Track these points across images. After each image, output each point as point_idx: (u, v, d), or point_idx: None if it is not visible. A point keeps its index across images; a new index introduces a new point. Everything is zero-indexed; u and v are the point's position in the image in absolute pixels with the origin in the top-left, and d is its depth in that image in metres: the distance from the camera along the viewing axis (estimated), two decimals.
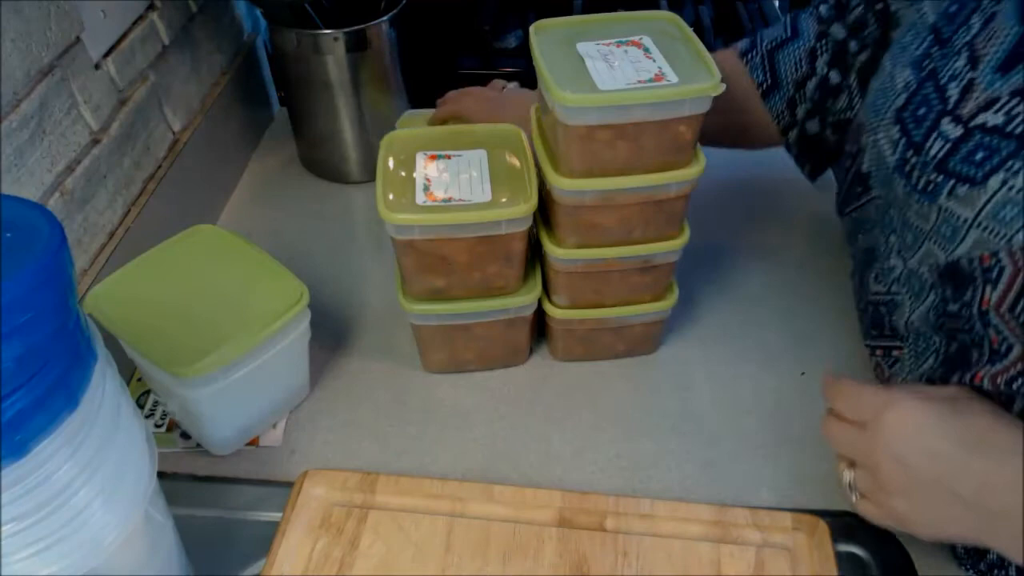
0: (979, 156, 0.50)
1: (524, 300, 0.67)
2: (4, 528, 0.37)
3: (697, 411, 0.69)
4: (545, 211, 0.66)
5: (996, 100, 0.50)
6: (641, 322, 0.71)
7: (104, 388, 0.41)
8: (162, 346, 0.59)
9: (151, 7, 0.78)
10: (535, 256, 0.69)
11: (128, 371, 0.72)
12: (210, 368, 0.58)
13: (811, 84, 0.72)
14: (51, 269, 0.35)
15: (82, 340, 0.39)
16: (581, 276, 0.67)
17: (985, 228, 0.50)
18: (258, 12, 0.99)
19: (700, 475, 0.64)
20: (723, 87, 0.56)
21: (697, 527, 0.58)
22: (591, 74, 0.57)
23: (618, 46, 0.61)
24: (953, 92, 0.53)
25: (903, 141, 0.56)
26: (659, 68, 0.58)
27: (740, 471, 0.64)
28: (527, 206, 0.61)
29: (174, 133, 0.83)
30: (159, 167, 0.80)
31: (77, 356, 0.38)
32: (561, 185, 0.60)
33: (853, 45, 0.69)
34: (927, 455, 0.48)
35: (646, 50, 0.60)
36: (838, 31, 0.70)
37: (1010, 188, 0.49)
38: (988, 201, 0.50)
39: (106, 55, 0.72)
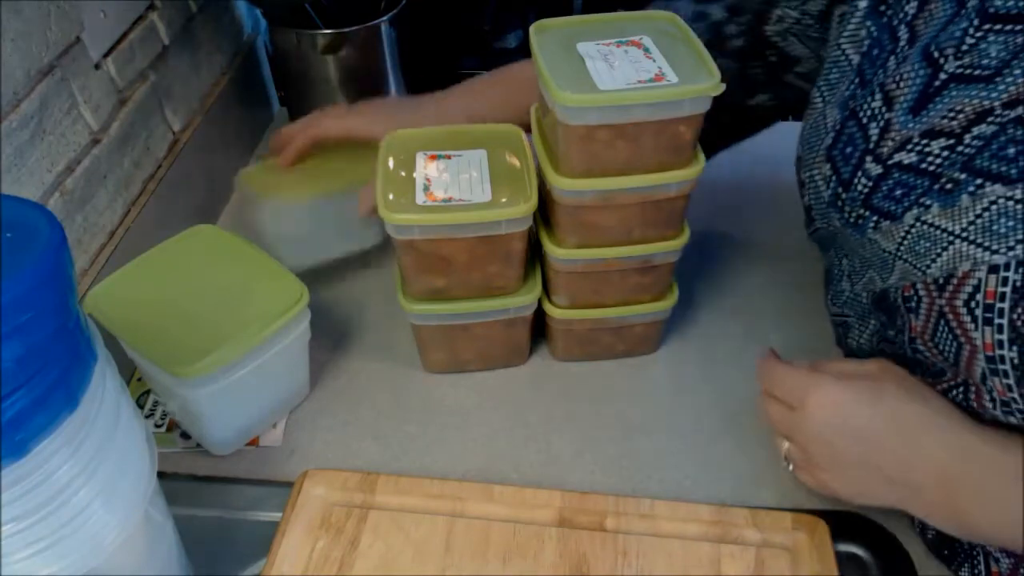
0: (898, 192, 0.53)
1: (524, 300, 0.67)
2: (4, 528, 0.37)
3: (697, 411, 0.69)
4: (545, 211, 0.66)
5: (910, 140, 0.52)
6: (641, 322, 0.71)
7: (104, 388, 0.41)
8: (162, 346, 0.59)
9: (151, 7, 0.78)
10: (535, 256, 0.69)
11: (128, 371, 0.72)
12: (210, 368, 0.58)
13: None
14: (51, 269, 0.36)
15: (82, 340, 0.39)
16: (581, 276, 0.67)
17: (905, 260, 0.53)
18: (258, 12, 0.99)
19: (700, 475, 0.64)
20: (723, 87, 0.56)
21: (697, 527, 0.58)
22: (591, 74, 0.57)
23: (618, 46, 0.61)
24: (873, 132, 0.55)
25: (834, 178, 0.58)
26: (659, 68, 0.58)
27: (740, 471, 0.64)
28: (527, 206, 0.61)
29: (174, 133, 0.83)
30: (159, 167, 0.80)
31: (77, 356, 0.38)
32: (561, 185, 0.60)
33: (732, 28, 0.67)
34: (849, 435, 0.53)
35: (646, 50, 0.60)
36: (717, 12, 0.67)
37: (923, 223, 0.51)
38: (905, 235, 0.52)
39: (106, 55, 0.72)
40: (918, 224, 0.52)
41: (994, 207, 0.48)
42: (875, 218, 0.55)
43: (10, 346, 0.33)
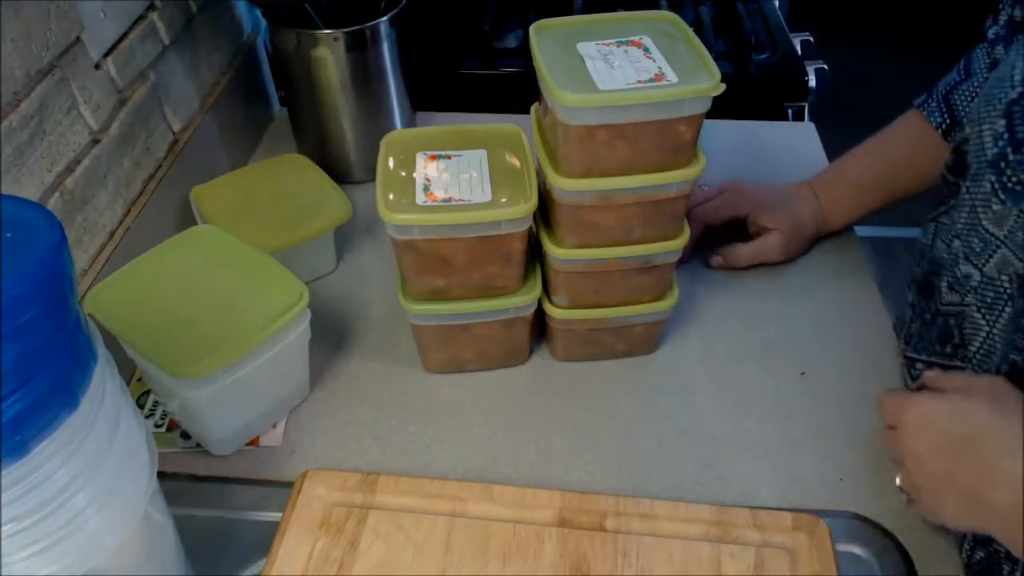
0: None
1: (524, 300, 0.67)
2: (4, 528, 0.37)
3: (697, 411, 0.69)
4: (545, 211, 0.66)
5: None
6: (641, 322, 0.71)
7: (104, 388, 0.41)
8: (162, 346, 0.59)
9: (151, 7, 0.78)
10: (535, 256, 0.69)
11: (128, 371, 0.72)
12: (210, 368, 0.58)
13: None
14: (51, 269, 0.35)
15: (82, 340, 0.39)
16: (581, 276, 0.67)
17: None
18: (258, 12, 0.99)
19: (700, 475, 0.64)
20: (722, 87, 0.56)
21: (697, 527, 0.58)
22: (591, 74, 0.57)
23: (618, 46, 0.61)
24: None
25: (1006, 135, 0.54)
26: (659, 68, 0.58)
27: (740, 471, 0.64)
28: (527, 206, 0.61)
29: (174, 133, 0.83)
30: (159, 167, 0.80)
31: (77, 356, 0.38)
32: (561, 185, 0.60)
33: None
34: (933, 450, 0.51)
35: (646, 50, 0.60)
36: None
37: None
38: None
39: (106, 55, 0.72)
40: None
41: None
42: None
43: (10, 346, 0.33)
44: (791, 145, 0.99)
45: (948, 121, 0.74)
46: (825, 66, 1.14)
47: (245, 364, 0.60)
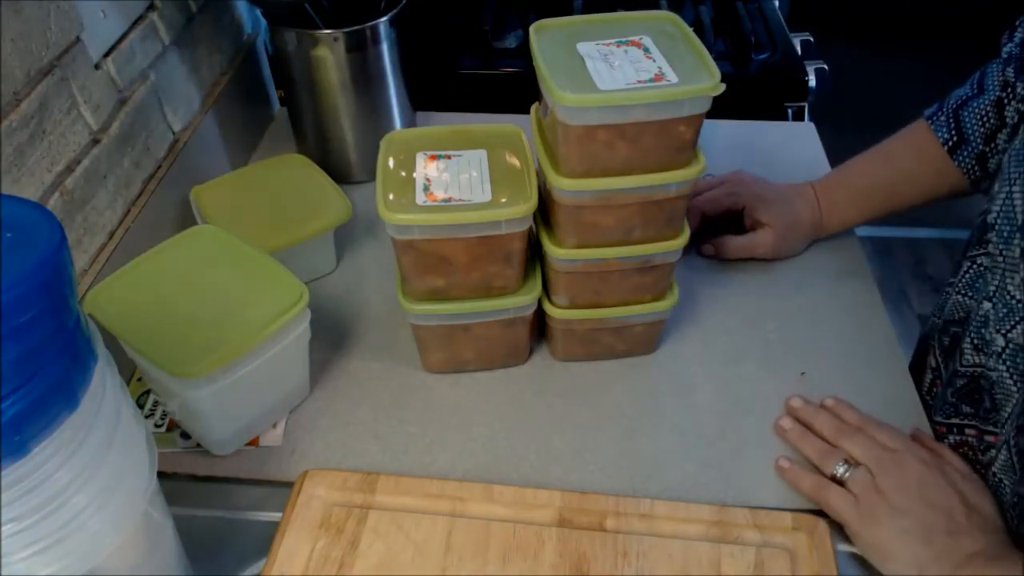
0: None
1: (524, 300, 0.67)
2: (4, 528, 0.37)
3: (697, 411, 0.69)
4: (545, 211, 0.66)
5: None
6: (641, 322, 0.71)
7: (104, 388, 0.41)
8: (162, 346, 0.59)
9: (151, 7, 0.79)
10: (535, 256, 0.69)
11: (128, 371, 0.72)
12: (210, 368, 0.58)
13: (1001, 136, 0.71)
14: (51, 269, 0.35)
15: (82, 340, 0.39)
16: (581, 276, 0.67)
17: None
18: (258, 12, 0.99)
19: (700, 475, 0.64)
20: (723, 87, 0.56)
21: (697, 527, 0.58)
22: (591, 74, 0.57)
23: (618, 46, 0.61)
24: None
25: None
26: (659, 68, 0.58)
27: (740, 471, 0.64)
28: (527, 206, 0.61)
29: (174, 133, 0.83)
30: (159, 167, 0.80)
31: (77, 356, 0.38)
32: (561, 185, 0.60)
33: None
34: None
35: (646, 50, 0.60)
36: None
37: None
38: None
39: (106, 55, 0.72)
40: None
41: None
42: None
43: (10, 346, 0.33)
44: (791, 145, 0.99)
45: (955, 138, 0.73)
46: (825, 66, 1.14)
47: (245, 364, 0.60)
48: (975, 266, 0.67)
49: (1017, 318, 0.57)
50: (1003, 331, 0.58)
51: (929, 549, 0.54)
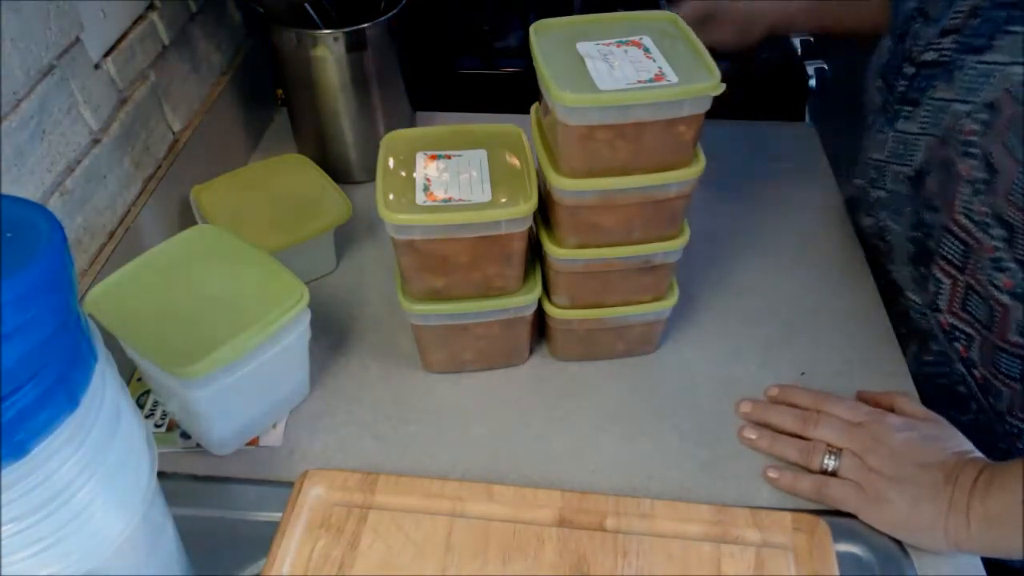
0: (922, 84, 0.67)
1: (524, 300, 0.67)
2: (4, 528, 0.37)
3: (697, 411, 0.69)
4: (545, 211, 0.66)
5: (930, 41, 0.67)
6: (641, 322, 0.71)
7: (104, 388, 0.41)
8: (162, 346, 0.59)
9: (151, 7, 0.78)
10: (535, 256, 0.69)
11: (128, 371, 0.72)
12: (210, 368, 0.58)
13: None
14: (51, 269, 0.35)
15: (82, 340, 0.39)
16: (581, 276, 0.67)
17: (929, 134, 0.67)
18: (258, 12, 0.98)
19: (700, 475, 0.64)
20: (722, 87, 0.56)
21: (697, 527, 0.58)
22: (591, 74, 0.57)
23: (618, 46, 0.61)
24: (910, 44, 0.69)
25: (884, 88, 0.73)
26: (659, 68, 0.58)
27: (740, 471, 0.64)
28: (527, 206, 0.61)
29: (174, 133, 0.83)
30: (159, 167, 0.80)
31: (77, 356, 0.38)
32: (561, 185, 0.60)
33: None
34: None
35: (646, 50, 0.60)
36: None
37: (934, 99, 0.68)
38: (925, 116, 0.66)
39: (106, 55, 0.72)
40: (931, 102, 0.66)
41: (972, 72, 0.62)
42: (907, 109, 0.69)
43: (11, 346, 0.33)
44: (791, 145, 0.99)
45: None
46: (825, 66, 1.14)
47: (245, 364, 0.60)
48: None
49: (888, 166, 0.74)
50: (885, 183, 0.76)
51: (942, 503, 0.56)
